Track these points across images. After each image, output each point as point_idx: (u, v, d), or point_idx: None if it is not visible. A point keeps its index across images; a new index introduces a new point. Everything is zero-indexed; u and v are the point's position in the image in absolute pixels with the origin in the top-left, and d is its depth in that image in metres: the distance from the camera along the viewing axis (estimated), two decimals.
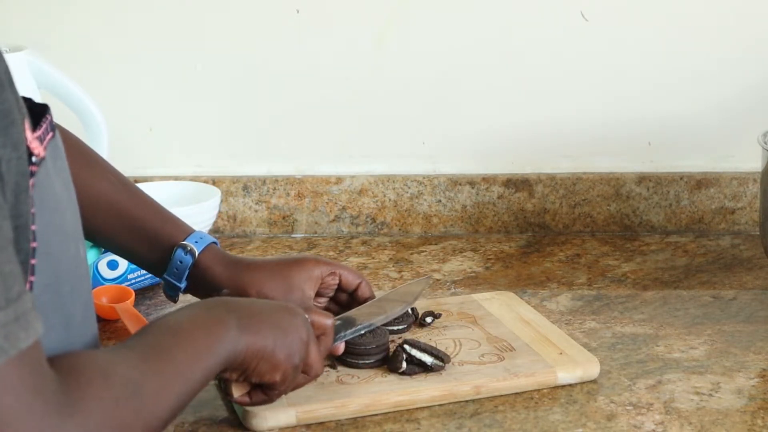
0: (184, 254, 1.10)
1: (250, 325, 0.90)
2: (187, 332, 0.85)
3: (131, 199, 1.12)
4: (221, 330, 0.87)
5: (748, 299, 1.34)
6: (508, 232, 1.60)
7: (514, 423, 1.03)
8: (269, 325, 0.92)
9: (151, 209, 1.13)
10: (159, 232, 1.11)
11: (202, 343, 0.86)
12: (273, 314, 0.94)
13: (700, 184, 1.59)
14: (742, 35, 1.56)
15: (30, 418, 0.67)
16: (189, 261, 1.10)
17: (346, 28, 1.56)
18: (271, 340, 0.91)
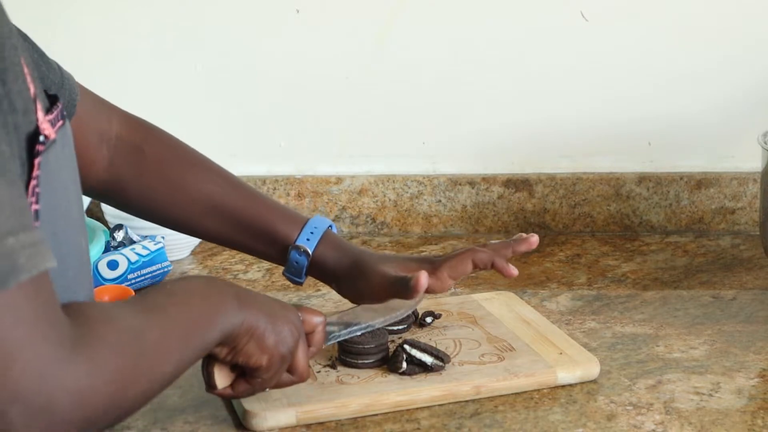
0: (299, 255, 1.14)
1: (247, 302, 0.92)
2: (187, 297, 0.88)
3: (240, 198, 1.15)
4: (220, 301, 0.90)
5: (748, 299, 1.34)
6: (508, 232, 1.60)
7: (514, 423, 1.03)
8: (264, 309, 0.94)
9: (262, 206, 1.16)
10: (273, 229, 1.14)
11: (201, 308, 0.88)
12: (268, 301, 0.96)
13: (700, 184, 1.59)
14: (742, 35, 1.56)
15: (44, 348, 0.69)
16: (304, 261, 1.14)
17: (346, 28, 1.56)
18: (263, 321, 0.93)
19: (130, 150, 1.13)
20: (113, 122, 1.14)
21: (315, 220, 1.15)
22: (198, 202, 1.14)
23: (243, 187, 1.16)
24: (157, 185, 1.13)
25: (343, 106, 1.59)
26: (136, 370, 0.77)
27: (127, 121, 1.15)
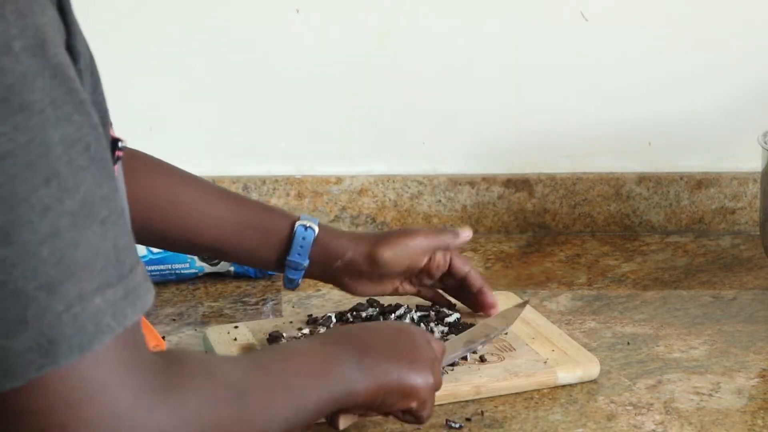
0: (305, 230, 1.14)
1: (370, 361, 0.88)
2: (302, 358, 0.85)
3: (235, 203, 1.15)
4: (338, 365, 0.86)
5: (749, 299, 1.34)
6: (508, 232, 1.60)
7: (514, 423, 1.03)
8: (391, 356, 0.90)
9: (254, 208, 1.17)
10: (272, 223, 1.15)
11: (316, 372, 0.84)
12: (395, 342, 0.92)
13: (700, 184, 1.59)
14: (742, 35, 1.56)
15: (122, 393, 0.65)
16: (311, 235, 1.14)
17: (346, 28, 1.56)
18: (395, 371, 0.90)
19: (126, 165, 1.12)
20: None
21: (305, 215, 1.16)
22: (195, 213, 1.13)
23: (232, 193, 1.18)
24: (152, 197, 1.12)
25: (343, 107, 1.59)
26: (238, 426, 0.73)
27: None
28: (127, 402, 0.65)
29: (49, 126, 0.63)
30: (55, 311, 0.62)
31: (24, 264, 0.61)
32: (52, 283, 0.62)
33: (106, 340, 0.64)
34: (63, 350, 0.62)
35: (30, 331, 0.62)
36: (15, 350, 0.61)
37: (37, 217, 0.62)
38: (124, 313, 0.65)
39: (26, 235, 0.61)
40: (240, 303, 1.33)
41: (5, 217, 0.61)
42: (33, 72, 0.62)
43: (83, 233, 0.64)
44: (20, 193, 0.61)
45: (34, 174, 0.62)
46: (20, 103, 0.62)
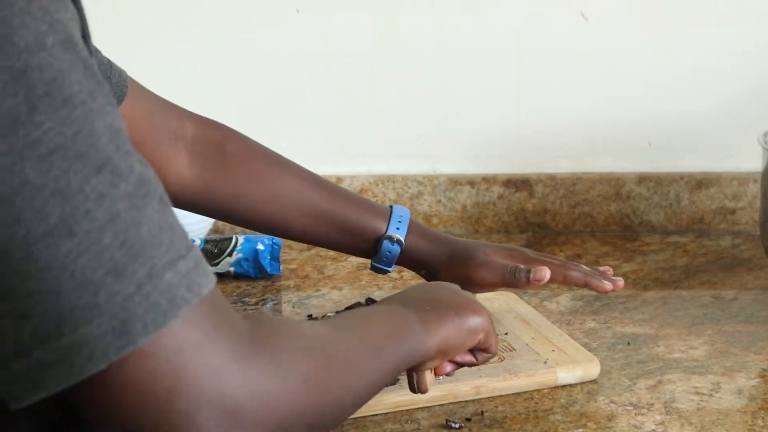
0: (392, 245, 1.15)
1: (428, 316, 0.90)
2: (372, 317, 0.87)
3: (325, 193, 1.16)
4: (406, 325, 0.88)
5: (749, 299, 1.34)
6: (508, 232, 1.60)
7: (514, 423, 1.03)
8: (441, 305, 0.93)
9: (347, 201, 1.17)
10: (361, 224, 1.16)
11: (392, 332, 0.86)
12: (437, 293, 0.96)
13: (701, 184, 1.59)
14: (742, 35, 1.56)
15: (218, 350, 0.66)
16: (397, 250, 1.16)
17: (346, 28, 1.56)
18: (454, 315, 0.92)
19: (211, 148, 1.13)
20: (186, 122, 1.14)
21: (398, 209, 1.17)
22: (285, 198, 1.14)
23: (325, 182, 1.18)
24: (243, 182, 1.14)
25: (343, 107, 1.59)
26: (326, 378, 0.74)
27: (201, 121, 1.15)
28: (225, 357, 0.66)
29: (92, 117, 0.64)
30: (125, 293, 0.63)
31: (88, 253, 0.63)
32: (118, 266, 0.63)
33: (182, 313, 0.65)
34: (137, 330, 0.63)
35: (104, 316, 0.63)
36: (93, 336, 0.63)
37: (94, 205, 0.63)
38: (198, 283, 0.66)
39: (86, 224, 0.63)
40: (240, 303, 1.33)
41: (63, 209, 0.62)
42: (68, 66, 0.64)
43: (143, 212, 0.65)
44: (74, 185, 0.63)
45: (85, 164, 0.63)
46: (63, 97, 0.63)
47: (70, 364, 0.63)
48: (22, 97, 0.62)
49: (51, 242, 0.62)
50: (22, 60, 0.62)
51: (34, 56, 0.63)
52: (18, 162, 0.62)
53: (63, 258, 0.62)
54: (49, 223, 0.62)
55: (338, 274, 1.43)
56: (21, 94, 0.62)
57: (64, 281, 0.62)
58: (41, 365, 0.63)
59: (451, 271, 1.15)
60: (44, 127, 0.62)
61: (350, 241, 1.16)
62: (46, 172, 0.62)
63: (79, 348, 0.63)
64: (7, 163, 0.61)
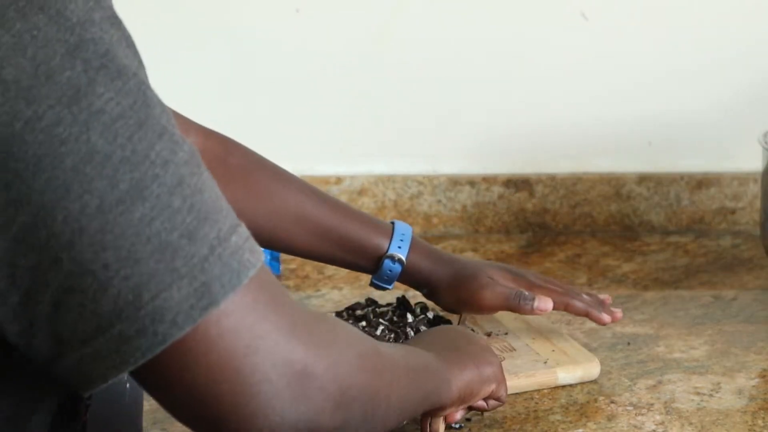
0: (393, 263, 1.15)
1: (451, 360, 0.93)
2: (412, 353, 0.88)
3: (327, 209, 1.16)
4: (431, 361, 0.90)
5: (749, 299, 1.34)
6: (508, 232, 1.59)
7: (514, 423, 1.03)
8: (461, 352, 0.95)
9: (349, 217, 1.17)
10: (362, 241, 1.15)
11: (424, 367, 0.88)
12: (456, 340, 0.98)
13: (701, 184, 1.59)
14: (742, 35, 1.56)
15: (282, 319, 0.68)
16: (398, 269, 1.15)
17: (346, 28, 1.56)
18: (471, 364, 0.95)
19: (214, 162, 1.13)
20: (192, 135, 1.13)
21: (399, 227, 1.17)
22: (287, 213, 1.14)
23: (327, 198, 1.18)
24: (244, 196, 1.13)
25: (343, 106, 1.59)
26: (378, 362, 0.76)
27: (207, 134, 1.15)
28: (291, 318, 0.68)
29: (144, 88, 0.66)
30: (201, 255, 0.64)
31: (162, 216, 0.64)
32: (191, 229, 0.64)
33: (251, 273, 0.66)
34: (217, 290, 0.64)
35: (183, 279, 0.64)
36: (175, 300, 0.63)
37: (161, 170, 0.64)
38: (257, 250, 0.68)
39: (156, 188, 0.64)
40: None
41: (133, 175, 0.63)
42: (117, 40, 0.67)
43: (201, 179, 0.66)
44: (140, 151, 0.64)
45: (146, 131, 0.64)
46: (117, 69, 0.65)
47: (154, 332, 0.63)
48: (81, 69, 0.63)
49: (124, 209, 0.63)
50: (76, 34, 0.64)
51: (87, 30, 0.65)
52: (84, 132, 0.63)
53: (137, 223, 0.63)
54: (120, 189, 0.63)
55: (338, 274, 1.42)
56: (79, 67, 0.63)
57: (141, 247, 0.63)
58: (123, 338, 0.63)
59: (453, 291, 1.15)
60: (105, 97, 0.64)
61: (351, 258, 1.16)
62: (113, 140, 0.63)
63: (162, 314, 0.63)
64: (74, 133, 0.63)
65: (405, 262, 1.15)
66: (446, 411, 0.95)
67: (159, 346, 0.63)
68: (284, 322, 0.68)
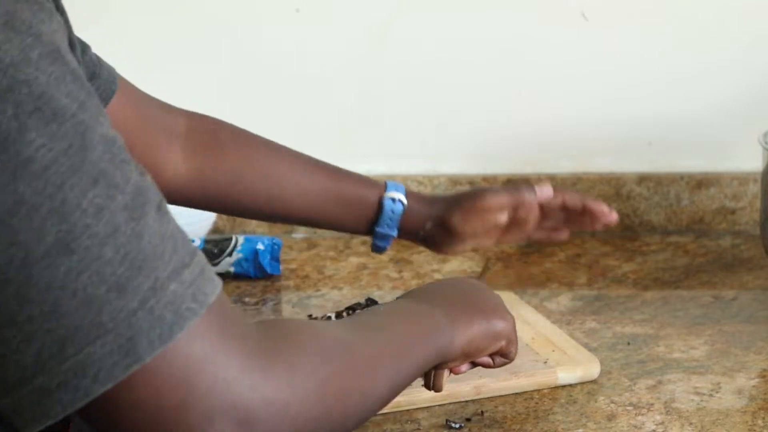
0: (393, 203, 1.15)
1: (456, 314, 0.91)
2: (399, 315, 0.86)
3: (321, 170, 1.17)
4: (433, 321, 0.88)
5: (749, 299, 1.34)
6: None
7: (514, 423, 1.03)
8: (470, 306, 0.93)
9: (343, 175, 1.18)
10: (359, 193, 1.17)
11: (417, 328, 0.86)
12: (467, 294, 0.96)
13: (701, 184, 1.59)
14: (742, 35, 1.56)
15: (228, 361, 0.64)
16: (400, 208, 1.16)
17: (346, 27, 1.56)
18: (481, 318, 0.93)
19: (206, 138, 1.13)
20: (179, 118, 1.13)
21: (392, 182, 1.18)
22: (284, 178, 1.14)
23: (320, 161, 1.18)
24: (240, 166, 1.13)
25: (342, 106, 1.59)
26: (347, 383, 0.72)
27: (194, 115, 1.14)
28: (236, 368, 0.65)
29: (83, 129, 0.62)
30: (129, 309, 0.62)
31: (89, 270, 0.61)
32: (121, 282, 0.62)
33: (188, 325, 0.63)
34: (143, 346, 0.62)
35: (109, 334, 0.61)
36: (98, 355, 0.61)
37: (93, 220, 0.61)
38: (204, 291, 0.65)
39: (85, 240, 0.61)
40: (240, 303, 1.33)
41: (61, 227, 0.61)
42: (56, 78, 0.62)
43: (143, 222, 0.63)
44: (71, 200, 0.61)
45: (80, 178, 0.62)
46: (53, 111, 0.61)
47: (75, 387, 0.61)
48: (11, 115, 0.60)
49: (50, 262, 0.60)
50: (8, 76, 0.61)
51: (21, 71, 0.61)
52: (11, 182, 0.60)
53: (63, 277, 0.61)
54: (47, 242, 0.60)
55: (338, 274, 1.43)
56: (9, 112, 0.60)
57: (66, 301, 0.61)
58: (45, 391, 0.61)
59: (456, 209, 1.16)
60: (36, 144, 0.61)
61: (352, 213, 1.17)
62: (42, 190, 0.61)
63: (83, 369, 0.61)
64: (1, 183, 0.60)
65: (405, 201, 1.16)
66: (450, 365, 0.93)
67: (79, 402, 0.61)
68: (228, 371, 0.64)
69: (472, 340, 0.91)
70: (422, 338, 0.86)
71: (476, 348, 0.93)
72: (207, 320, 0.64)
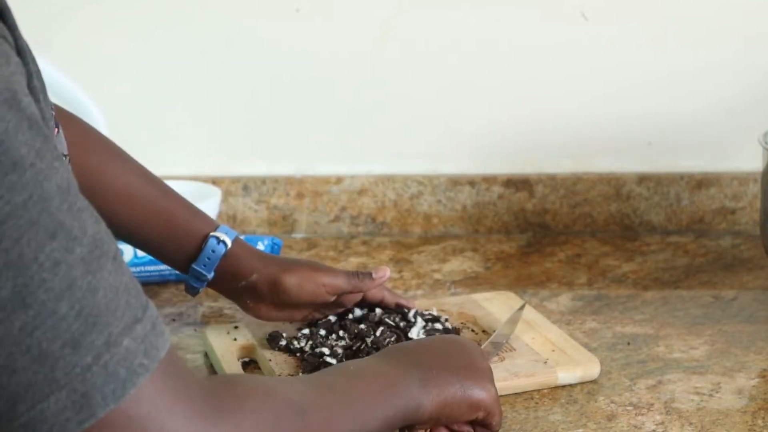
0: (217, 244, 1.11)
1: (431, 377, 0.88)
2: (365, 377, 0.84)
3: (159, 191, 1.12)
4: (402, 383, 0.86)
5: (749, 299, 1.34)
6: (508, 232, 1.60)
7: (514, 423, 1.03)
8: (451, 369, 0.90)
9: (180, 202, 1.13)
10: (189, 224, 1.11)
11: (380, 390, 0.84)
12: (451, 355, 0.92)
13: (701, 184, 1.59)
14: (742, 34, 1.56)
15: (171, 422, 0.64)
16: (222, 250, 1.11)
17: (346, 28, 1.56)
18: (458, 384, 0.89)
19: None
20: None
21: (227, 227, 1.13)
22: (114, 191, 1.09)
23: (163, 183, 1.14)
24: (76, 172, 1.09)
25: (343, 106, 1.59)
26: None
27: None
28: (184, 422, 0.65)
29: (42, 178, 0.61)
30: (83, 365, 0.61)
31: (44, 325, 0.60)
32: (76, 337, 0.61)
33: (140, 381, 0.63)
34: (97, 402, 0.61)
35: (62, 391, 0.61)
36: (51, 411, 0.61)
37: (50, 274, 0.61)
38: (155, 347, 0.64)
39: (41, 295, 0.60)
40: None
41: (17, 281, 0.60)
42: (14, 127, 0.61)
43: (99, 276, 0.63)
44: (28, 254, 0.60)
45: (38, 231, 0.61)
46: (11, 162, 0.60)
47: None
48: None
49: (4, 317, 0.60)
50: None
51: None
52: None
53: (17, 333, 0.60)
54: (2, 296, 0.59)
55: None
56: None
57: (20, 357, 0.60)
58: None
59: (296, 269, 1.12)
60: None
61: (175, 240, 1.11)
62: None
63: (36, 427, 0.61)
64: None
65: (229, 244, 1.11)
66: (420, 428, 0.90)
67: None
68: (178, 426, 0.64)
69: (445, 405, 0.88)
70: (384, 401, 0.83)
71: (449, 414, 0.89)
72: (158, 375, 0.64)
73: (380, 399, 0.83)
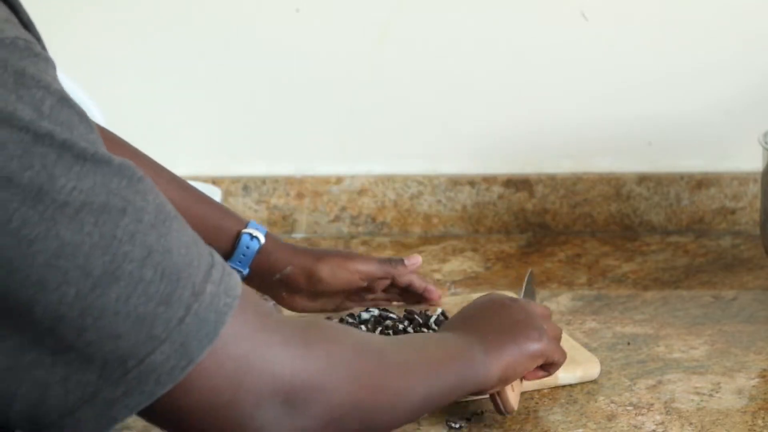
0: (250, 240, 1.14)
1: (491, 344, 0.94)
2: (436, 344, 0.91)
3: (192, 197, 1.15)
4: (467, 353, 0.92)
5: (749, 299, 1.34)
6: (508, 232, 1.59)
7: (514, 423, 1.03)
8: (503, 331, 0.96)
9: (210, 204, 1.16)
10: (220, 224, 1.15)
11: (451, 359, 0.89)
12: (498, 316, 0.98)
13: (701, 184, 1.59)
14: (742, 35, 1.56)
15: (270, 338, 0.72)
16: (256, 246, 1.14)
17: (346, 28, 1.56)
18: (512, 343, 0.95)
19: None
20: None
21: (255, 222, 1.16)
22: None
23: (184, 182, 1.17)
24: None
25: (343, 106, 1.59)
26: (379, 379, 0.78)
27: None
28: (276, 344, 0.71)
29: (102, 164, 0.67)
30: (177, 317, 0.68)
31: (137, 291, 0.66)
32: (165, 296, 0.67)
33: (227, 319, 0.69)
34: (195, 347, 0.68)
35: (164, 344, 0.67)
36: (157, 362, 0.67)
37: (129, 246, 0.67)
38: (232, 285, 0.71)
39: (127, 266, 0.66)
40: None
41: (104, 259, 0.66)
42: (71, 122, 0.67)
43: (170, 237, 0.69)
44: (107, 233, 0.66)
45: (110, 211, 0.66)
46: (74, 154, 0.66)
47: (140, 391, 0.67)
48: (40, 166, 0.65)
49: (101, 292, 0.65)
50: (30, 132, 0.65)
51: (40, 126, 0.65)
52: (52, 227, 0.65)
53: (114, 303, 0.66)
54: (94, 275, 0.65)
55: None
56: (37, 164, 0.65)
57: (121, 324, 0.66)
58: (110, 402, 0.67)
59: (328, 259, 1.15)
60: (67, 188, 0.65)
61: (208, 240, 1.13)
62: (80, 229, 0.65)
63: (146, 376, 0.67)
64: (42, 230, 0.64)
65: (262, 240, 1.14)
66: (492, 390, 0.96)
67: (146, 401, 0.68)
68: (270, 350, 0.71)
69: (507, 366, 0.95)
70: (454, 360, 0.90)
71: (513, 372, 0.96)
72: (240, 311, 0.70)
73: (452, 366, 0.89)
